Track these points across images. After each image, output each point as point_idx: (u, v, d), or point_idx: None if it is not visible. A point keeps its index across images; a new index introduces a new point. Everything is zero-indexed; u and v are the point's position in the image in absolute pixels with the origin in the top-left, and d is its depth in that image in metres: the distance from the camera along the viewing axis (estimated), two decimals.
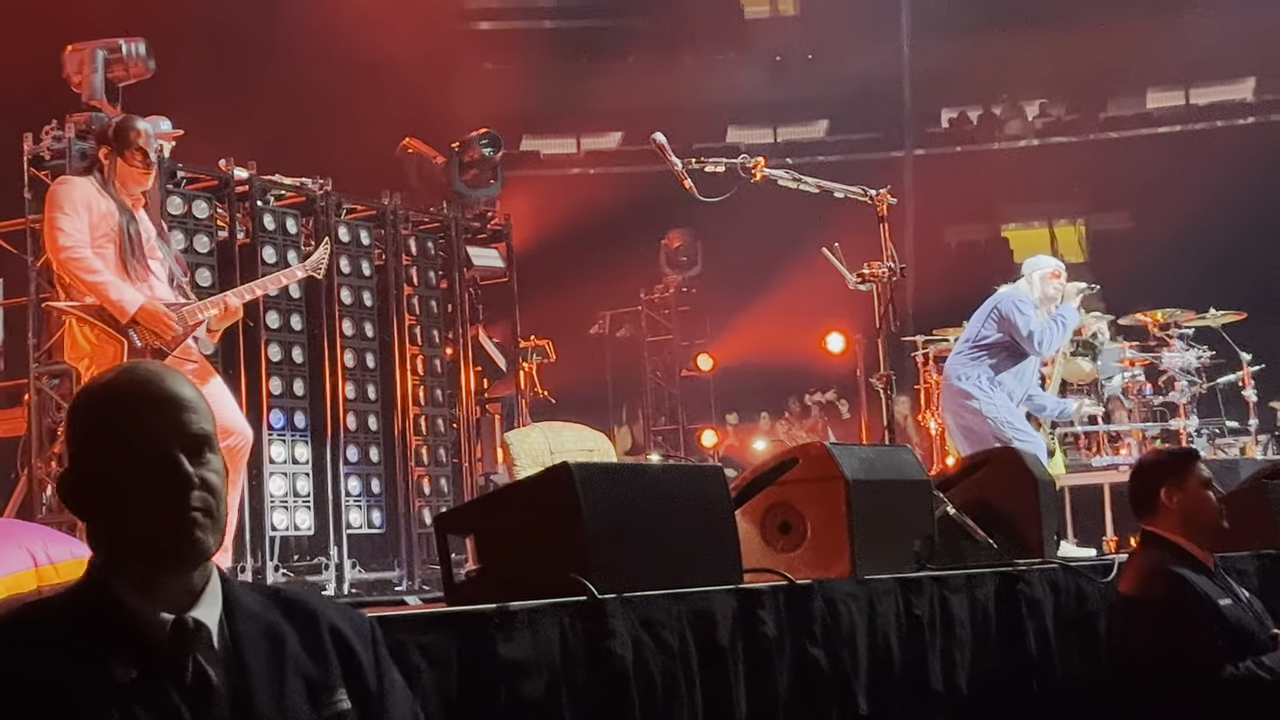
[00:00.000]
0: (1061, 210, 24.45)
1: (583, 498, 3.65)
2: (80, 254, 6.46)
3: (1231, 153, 21.19)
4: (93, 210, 6.57)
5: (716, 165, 6.60)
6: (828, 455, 4.86)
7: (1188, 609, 4.95)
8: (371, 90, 16.39)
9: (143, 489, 2.21)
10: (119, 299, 6.43)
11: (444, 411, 10.97)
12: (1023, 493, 5.82)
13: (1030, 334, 8.79)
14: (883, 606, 4.49)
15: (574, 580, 3.52)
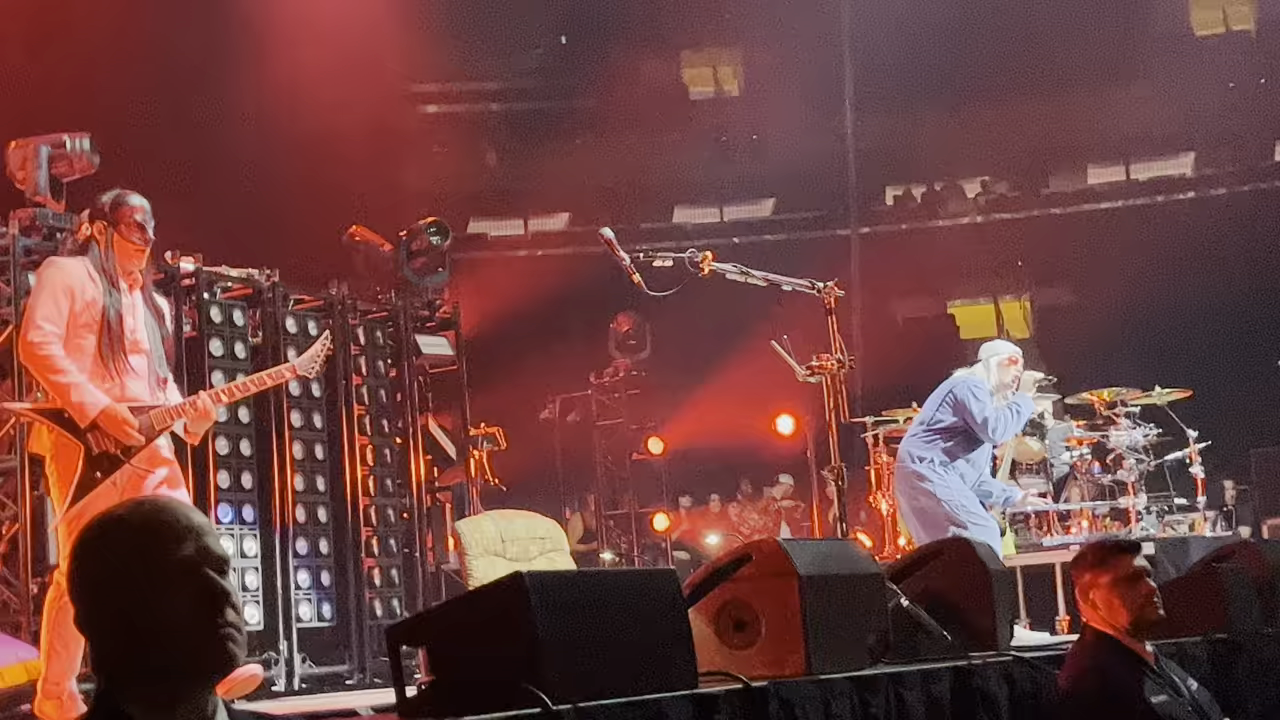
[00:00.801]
0: (1007, 286, 24.67)
1: (535, 606, 3.63)
2: (48, 350, 6.24)
3: (1172, 227, 21.49)
4: (76, 298, 6.32)
5: (665, 259, 6.63)
6: (780, 551, 4.87)
7: (1117, 710, 4.93)
8: (317, 176, 16.38)
9: (180, 610, 2.34)
10: (79, 401, 6.22)
11: (394, 501, 10.90)
12: (976, 583, 5.83)
13: (985, 420, 8.82)
14: (838, 707, 4.48)
15: (528, 691, 3.50)
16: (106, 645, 2.37)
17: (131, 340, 6.48)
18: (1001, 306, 24.85)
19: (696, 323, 14.78)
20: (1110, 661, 5.07)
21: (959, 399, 8.89)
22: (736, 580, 4.89)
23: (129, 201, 6.57)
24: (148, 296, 6.68)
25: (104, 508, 5.84)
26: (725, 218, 24.51)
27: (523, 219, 24.31)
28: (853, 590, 5.11)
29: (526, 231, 24.31)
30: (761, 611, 4.81)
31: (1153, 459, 12.30)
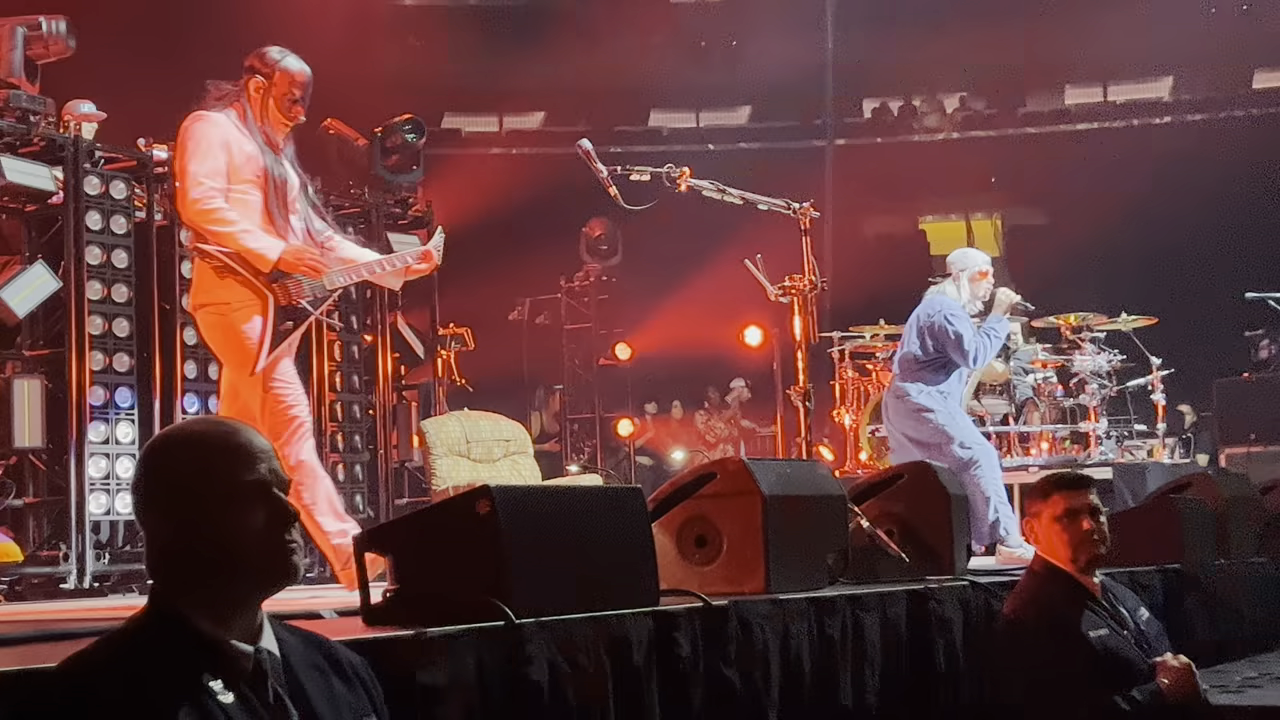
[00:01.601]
0: (979, 204, 24.65)
1: (502, 521, 3.66)
2: (212, 204, 5.95)
3: (1147, 152, 21.47)
4: (233, 151, 6.05)
5: (642, 174, 6.61)
6: (745, 470, 4.92)
7: (1053, 641, 4.94)
8: None
9: (253, 525, 2.50)
10: (256, 247, 5.95)
11: (360, 398, 10.92)
12: (936, 508, 5.91)
13: (964, 349, 8.78)
14: (796, 627, 4.54)
15: (492, 604, 3.54)
16: (174, 551, 2.50)
17: (292, 207, 6.25)
18: (972, 224, 24.85)
19: (669, 231, 14.73)
20: (1051, 592, 5.07)
21: (936, 328, 8.83)
22: (700, 497, 4.94)
23: (292, 72, 6.28)
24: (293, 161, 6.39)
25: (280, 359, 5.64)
26: (701, 123, 24.36)
27: (498, 116, 24.13)
28: (815, 511, 5.16)
29: (501, 129, 24.13)
30: (724, 529, 4.87)
31: (1115, 384, 12.39)
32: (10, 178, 8.77)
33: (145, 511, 2.56)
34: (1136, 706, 4.87)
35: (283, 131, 6.30)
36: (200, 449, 2.54)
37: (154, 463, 2.56)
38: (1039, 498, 5.22)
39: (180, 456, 2.54)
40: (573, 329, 16.91)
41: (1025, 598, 5.16)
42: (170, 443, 2.59)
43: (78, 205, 8.97)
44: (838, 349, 13.86)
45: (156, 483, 2.54)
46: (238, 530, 2.49)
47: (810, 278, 6.68)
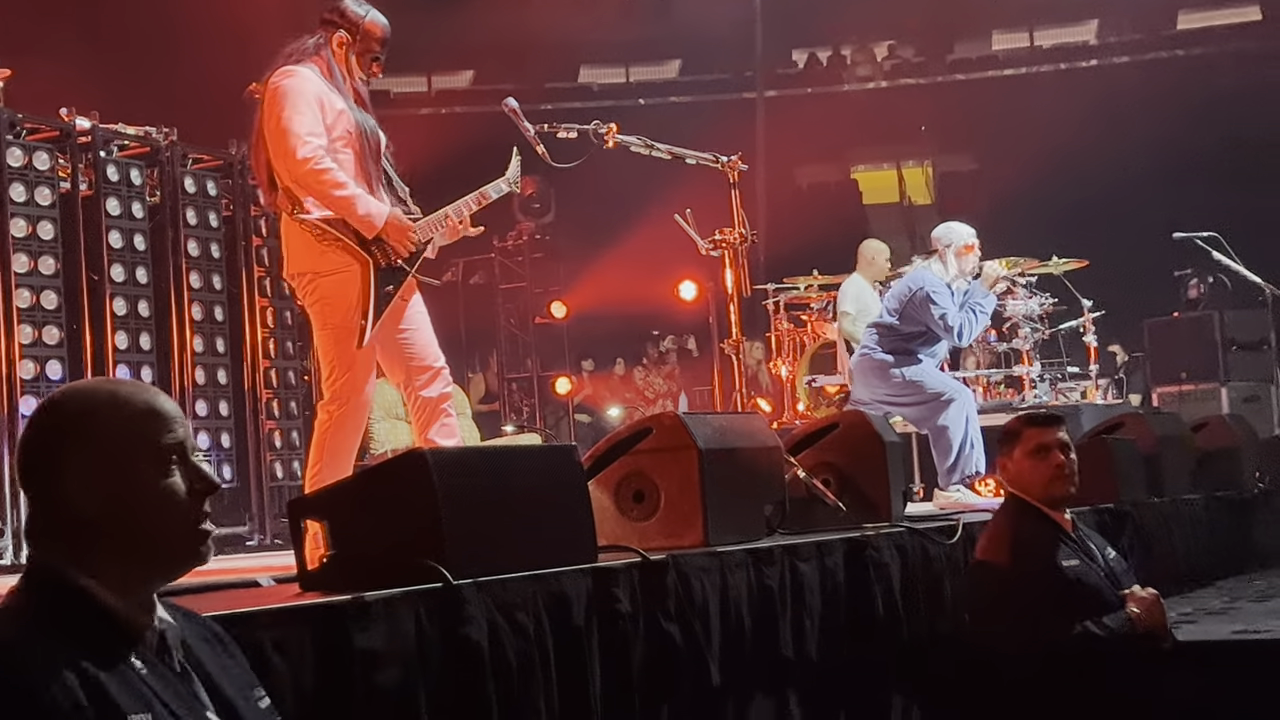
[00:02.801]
0: (909, 152, 24.75)
1: (437, 484, 3.65)
2: (323, 164, 5.63)
3: (1075, 95, 21.60)
4: (326, 108, 5.74)
5: (569, 131, 6.59)
6: (680, 425, 4.93)
7: (1025, 572, 5.09)
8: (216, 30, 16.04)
9: (172, 494, 2.35)
10: (365, 212, 5.68)
11: (295, 364, 10.85)
12: (871, 455, 5.95)
13: (949, 327, 8.74)
14: (735, 578, 4.57)
15: (429, 567, 3.54)
16: (85, 519, 2.32)
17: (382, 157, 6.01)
18: (904, 172, 24.96)
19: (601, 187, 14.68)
20: (1024, 526, 5.25)
21: (918, 304, 8.76)
22: (637, 453, 4.95)
23: (377, 23, 6.00)
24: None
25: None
26: (631, 79, 24.32)
27: (426, 76, 23.98)
28: (751, 463, 5.19)
29: (430, 89, 23.99)
30: (661, 484, 4.88)
31: (1048, 328, 12.49)
32: None
33: (49, 475, 2.34)
34: (1109, 633, 5.03)
35: (359, 86, 6.01)
36: (124, 409, 2.37)
37: (71, 422, 2.36)
38: (1012, 435, 5.39)
39: (104, 415, 2.35)
40: (508, 288, 16.86)
41: (1000, 532, 5.30)
42: (91, 401, 2.39)
43: (1, 177, 8.86)
44: (772, 301, 13.89)
45: (74, 443, 2.34)
46: (161, 498, 2.35)
47: (740, 230, 6.70)
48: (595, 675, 3.92)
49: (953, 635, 5.51)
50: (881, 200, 24.71)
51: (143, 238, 9.63)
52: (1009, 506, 5.42)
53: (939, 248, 9.06)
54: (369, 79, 5.99)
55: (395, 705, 3.32)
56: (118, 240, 9.46)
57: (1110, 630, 5.05)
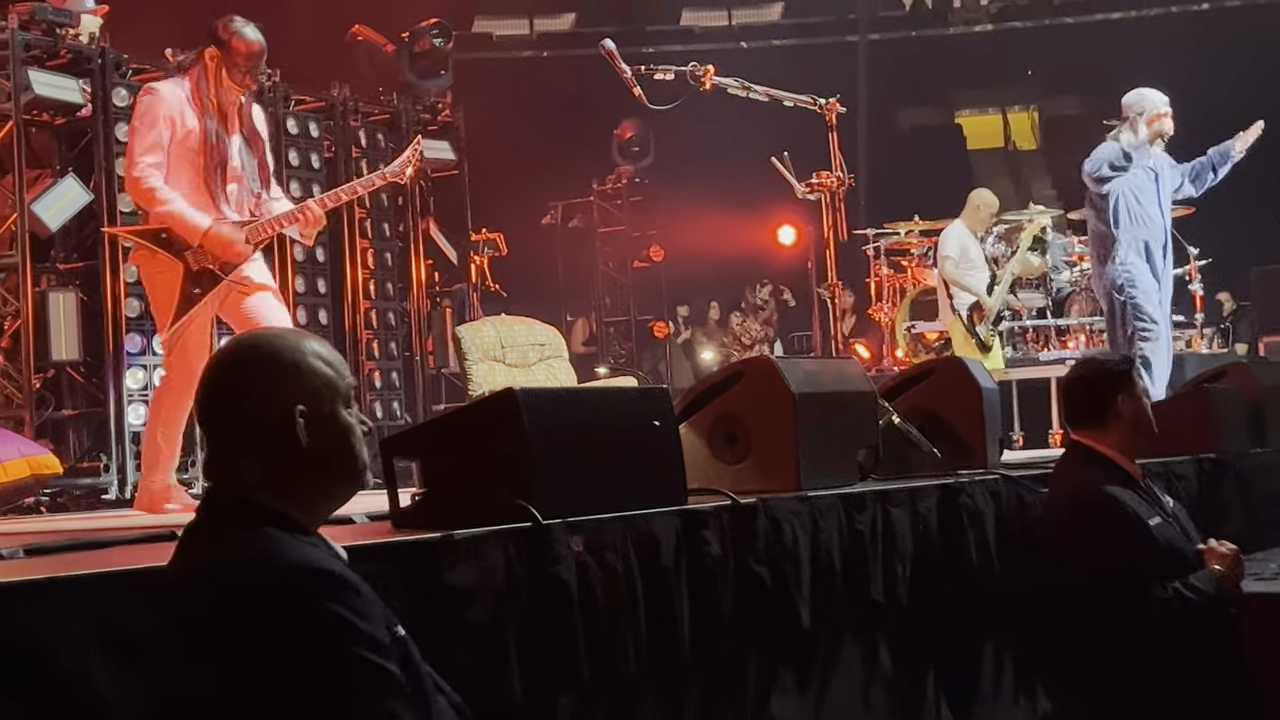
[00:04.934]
0: (1015, 97, 24.39)
1: (528, 423, 3.67)
2: (150, 184, 6.30)
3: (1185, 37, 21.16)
4: (176, 126, 6.35)
5: (666, 73, 6.57)
6: (774, 369, 4.91)
7: (1117, 531, 4.90)
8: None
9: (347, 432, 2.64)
10: (184, 225, 6.31)
11: (395, 305, 10.96)
12: (968, 401, 5.88)
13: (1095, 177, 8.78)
14: (825, 522, 4.55)
15: (519, 506, 3.56)
16: (284, 446, 2.55)
17: (230, 167, 6.49)
18: (1010, 117, 24.62)
19: (701, 131, 14.60)
20: (1112, 482, 5.03)
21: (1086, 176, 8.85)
22: (730, 396, 4.94)
23: (246, 41, 6.49)
24: (245, 122, 6.64)
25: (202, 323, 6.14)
26: (733, 22, 24.11)
27: (528, 19, 23.95)
28: (845, 407, 5.15)
29: (532, 32, 23.95)
30: (754, 428, 4.87)
31: None
32: (38, 91, 8.79)
33: (263, 408, 2.57)
34: (1201, 596, 4.85)
35: (236, 97, 6.55)
36: (321, 355, 2.65)
37: (284, 362, 2.60)
38: (1129, 378, 5.22)
39: (309, 359, 2.62)
40: (606, 232, 16.83)
41: (1079, 489, 5.09)
42: (298, 347, 2.64)
43: (106, 117, 8.99)
44: (872, 246, 13.79)
45: (290, 381, 2.59)
46: (346, 430, 2.63)
47: (838, 174, 6.64)
48: (684, 616, 3.93)
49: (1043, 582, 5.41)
50: (986, 145, 24.40)
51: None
52: (1084, 458, 5.19)
53: (1130, 115, 8.99)
54: (243, 89, 6.54)
55: (483, 642, 3.35)
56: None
57: (1201, 593, 4.86)
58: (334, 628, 2.33)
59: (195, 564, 2.49)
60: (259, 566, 2.40)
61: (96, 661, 2.65)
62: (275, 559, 2.41)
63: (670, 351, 17.60)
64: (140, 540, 3.99)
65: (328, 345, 2.71)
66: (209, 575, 2.42)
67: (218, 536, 2.50)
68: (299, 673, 2.30)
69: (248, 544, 2.43)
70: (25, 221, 8.59)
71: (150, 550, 3.66)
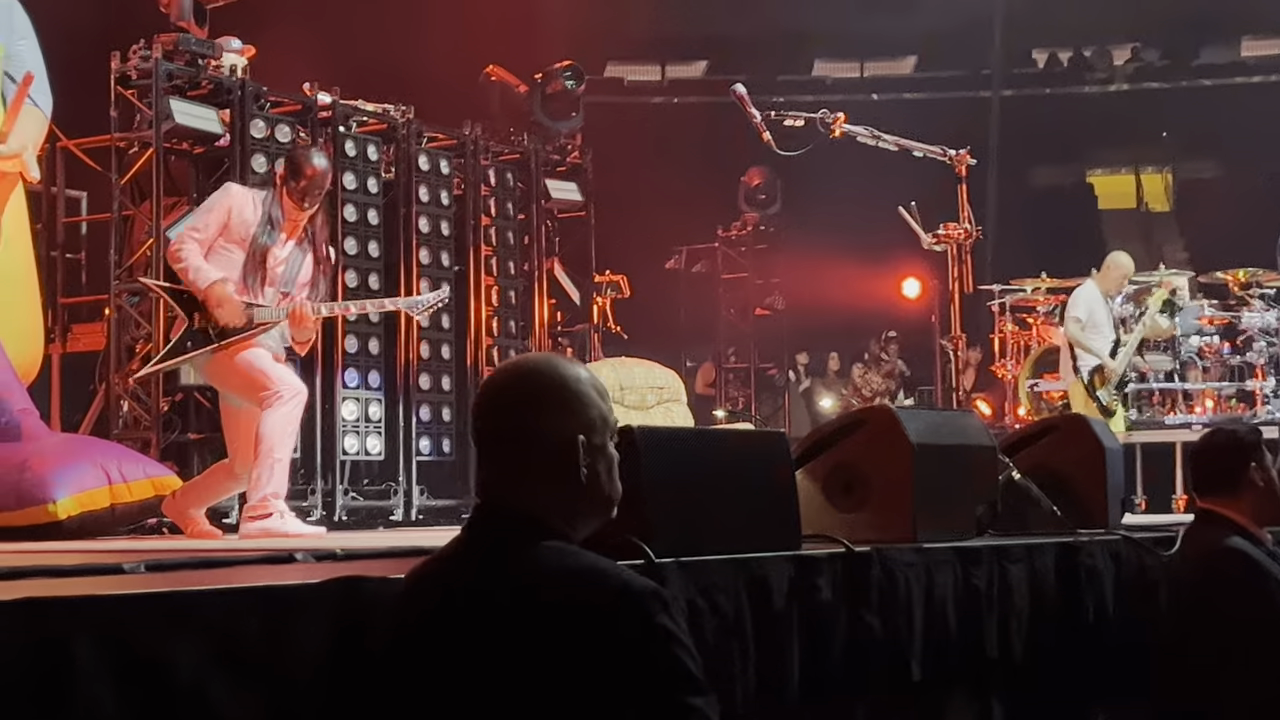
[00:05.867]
0: (1149, 157, 24.09)
1: (645, 461, 3.67)
2: (178, 247, 6.98)
3: None
4: (233, 217, 7.03)
5: (796, 119, 6.58)
6: (894, 418, 4.88)
7: (1261, 588, 4.90)
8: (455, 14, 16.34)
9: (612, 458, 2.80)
10: (194, 279, 6.93)
11: (516, 343, 11.02)
12: (1090, 460, 5.81)
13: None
14: (941, 575, 4.51)
15: (632, 543, 3.56)
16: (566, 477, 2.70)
17: (272, 275, 7.08)
18: (1142, 178, 24.33)
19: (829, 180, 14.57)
20: (1246, 544, 5.02)
21: None
22: (848, 444, 4.91)
23: (303, 170, 7.08)
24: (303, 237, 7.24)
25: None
26: (865, 74, 24.07)
27: (660, 65, 24.08)
28: (964, 460, 5.11)
29: (664, 78, 24.08)
30: (871, 476, 4.84)
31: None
32: (179, 120, 8.98)
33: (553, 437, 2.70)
34: None
35: (297, 216, 7.15)
36: (596, 386, 2.79)
37: (569, 392, 2.73)
38: (1263, 448, 5.22)
39: (587, 390, 2.75)
40: (729, 278, 16.80)
41: (1220, 547, 5.03)
42: (580, 379, 2.77)
43: (243, 148, 9.16)
44: (998, 302, 13.69)
45: (571, 410, 2.72)
46: (611, 461, 2.79)
47: (965, 225, 6.61)
48: (794, 662, 3.91)
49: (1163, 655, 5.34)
50: (1117, 206, 24.12)
51: (376, 213, 9.88)
52: (1217, 523, 5.14)
53: None
54: (301, 210, 7.13)
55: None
56: (352, 214, 9.71)
57: None
58: (663, 639, 2.51)
59: (508, 575, 2.61)
60: (600, 579, 2.58)
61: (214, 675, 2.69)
62: (612, 574, 2.59)
63: (789, 400, 17.52)
64: (259, 561, 4.04)
65: (599, 378, 2.83)
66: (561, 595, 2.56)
67: (515, 550, 2.64)
68: (638, 679, 2.49)
69: (572, 559, 2.63)
70: (161, 248, 8.75)
71: (268, 570, 3.71)
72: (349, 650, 2.90)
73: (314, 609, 2.91)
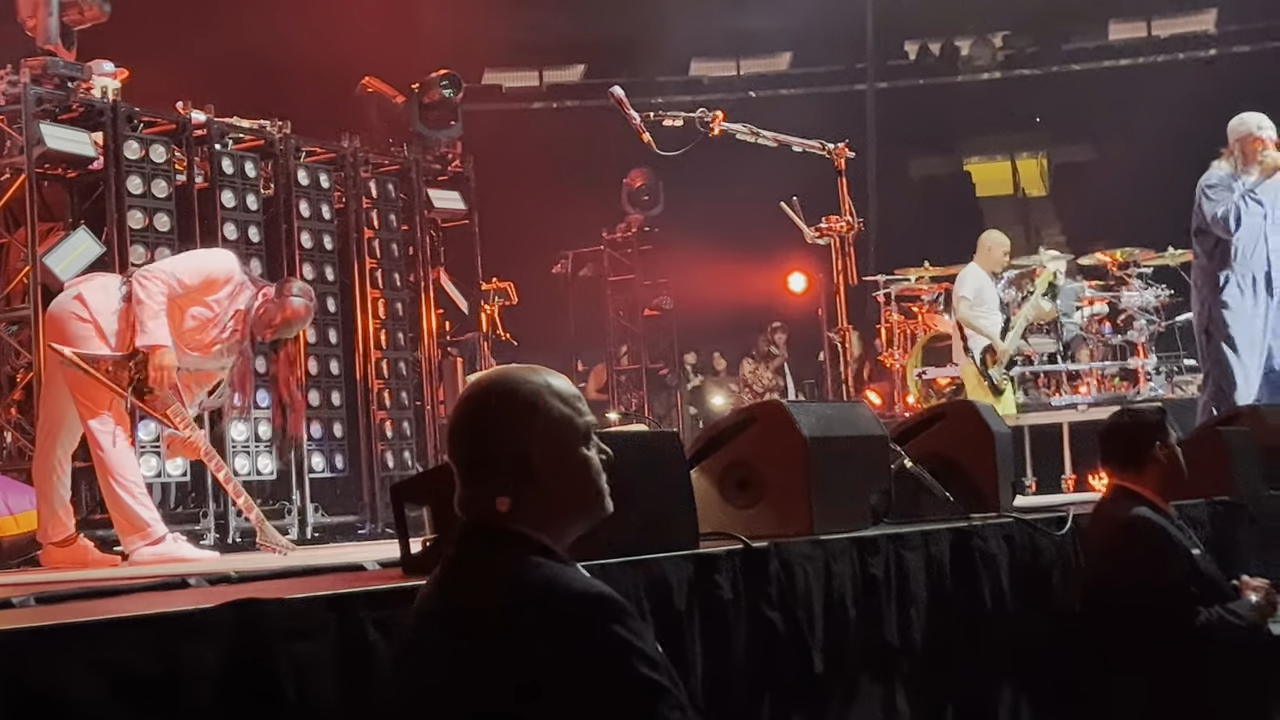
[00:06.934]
0: (1024, 143, 24.43)
1: None
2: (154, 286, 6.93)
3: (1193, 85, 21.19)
4: (215, 290, 7.09)
5: (675, 119, 6.60)
6: (786, 414, 4.90)
7: (1164, 556, 5.17)
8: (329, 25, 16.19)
9: (590, 464, 2.86)
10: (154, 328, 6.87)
11: (406, 355, 10.95)
12: (979, 445, 5.88)
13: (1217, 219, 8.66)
14: (838, 566, 4.54)
15: None
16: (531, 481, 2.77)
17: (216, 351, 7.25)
18: (1019, 164, 24.66)
19: (711, 179, 14.63)
20: (1154, 516, 5.30)
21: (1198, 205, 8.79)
22: (742, 441, 4.93)
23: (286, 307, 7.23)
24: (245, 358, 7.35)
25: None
26: (742, 72, 24.17)
27: (538, 70, 24.05)
28: (857, 451, 5.15)
29: (542, 83, 24.05)
30: (765, 472, 4.86)
31: (1163, 320, 12.31)
32: (51, 144, 8.80)
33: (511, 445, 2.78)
34: (1242, 620, 5.13)
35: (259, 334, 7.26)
36: (560, 395, 2.84)
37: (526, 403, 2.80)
38: (1165, 427, 5.52)
39: (549, 400, 2.81)
40: (616, 280, 16.82)
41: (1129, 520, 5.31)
42: (538, 388, 2.83)
43: (118, 170, 9.02)
44: (883, 292, 13.81)
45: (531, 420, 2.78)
46: (585, 464, 2.84)
47: (847, 218, 6.66)
48: (696, 660, 3.92)
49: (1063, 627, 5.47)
50: (995, 193, 24.43)
51: (257, 230, 9.77)
52: (1127, 498, 5.43)
53: (1229, 141, 8.97)
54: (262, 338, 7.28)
55: None
56: (232, 232, 9.60)
57: (1242, 619, 5.17)
58: (617, 647, 2.56)
59: (472, 592, 2.68)
60: (546, 594, 2.61)
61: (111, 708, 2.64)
62: (559, 587, 2.63)
63: (681, 399, 17.57)
64: (152, 588, 3.98)
65: (568, 383, 2.90)
66: (495, 605, 2.62)
67: (488, 566, 2.71)
68: (589, 689, 2.53)
69: (527, 573, 2.65)
70: (38, 274, 8.59)
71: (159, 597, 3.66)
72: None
73: (211, 633, 2.87)
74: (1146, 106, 20.44)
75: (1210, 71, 22.16)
